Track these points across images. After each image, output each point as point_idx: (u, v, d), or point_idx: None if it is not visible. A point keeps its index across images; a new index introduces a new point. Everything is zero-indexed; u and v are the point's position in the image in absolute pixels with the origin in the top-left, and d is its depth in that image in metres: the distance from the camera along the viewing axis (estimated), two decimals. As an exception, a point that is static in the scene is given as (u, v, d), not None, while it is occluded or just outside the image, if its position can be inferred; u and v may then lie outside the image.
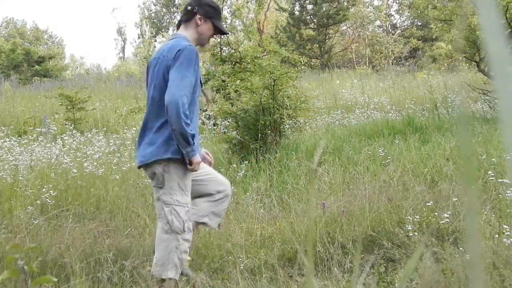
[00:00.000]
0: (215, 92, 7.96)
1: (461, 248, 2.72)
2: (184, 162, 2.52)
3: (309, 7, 24.16)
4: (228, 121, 6.42)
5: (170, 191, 2.53)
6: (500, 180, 3.61)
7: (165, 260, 2.53)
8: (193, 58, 2.49)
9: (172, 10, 35.86)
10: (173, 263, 2.52)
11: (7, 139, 6.72)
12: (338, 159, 5.06)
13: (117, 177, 4.92)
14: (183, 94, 2.40)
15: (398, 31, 27.91)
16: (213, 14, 2.67)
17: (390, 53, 25.31)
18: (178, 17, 2.86)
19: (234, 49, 7.82)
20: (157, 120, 2.53)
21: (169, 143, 2.51)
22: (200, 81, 2.67)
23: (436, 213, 3.20)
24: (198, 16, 2.65)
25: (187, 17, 2.68)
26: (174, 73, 2.44)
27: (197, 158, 2.49)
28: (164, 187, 2.54)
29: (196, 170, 2.54)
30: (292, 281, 2.70)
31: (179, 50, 2.47)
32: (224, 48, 8.03)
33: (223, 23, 2.77)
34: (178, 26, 2.75)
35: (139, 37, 37.39)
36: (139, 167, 2.64)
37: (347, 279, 2.62)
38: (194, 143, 2.47)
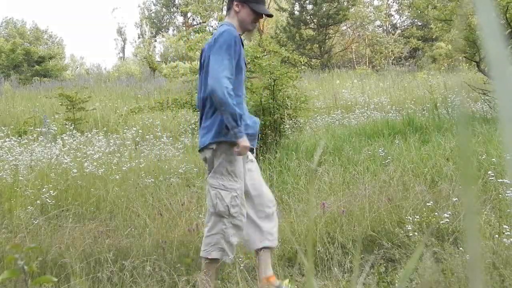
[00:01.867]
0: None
1: (461, 248, 2.72)
2: (233, 148, 2.57)
3: (309, 7, 24.15)
4: (228, 121, 6.42)
5: (218, 175, 2.59)
6: (500, 180, 3.61)
7: (211, 241, 2.58)
8: (229, 41, 2.50)
9: (172, 10, 35.86)
10: (219, 245, 2.57)
11: (7, 139, 6.73)
12: (338, 159, 5.06)
13: (117, 177, 4.92)
14: (223, 76, 2.43)
15: (398, 31, 27.90)
16: None
17: (390, 53, 25.30)
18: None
19: (234, 49, 7.81)
20: (210, 107, 2.60)
21: (218, 128, 2.57)
22: (245, 64, 2.68)
23: (436, 213, 3.20)
24: (235, 3, 2.66)
25: (228, 5, 2.72)
26: (213, 57, 2.49)
27: (244, 141, 2.49)
28: (213, 171, 2.61)
29: (242, 155, 2.54)
30: (292, 281, 2.70)
31: (218, 35, 2.54)
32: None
33: (264, 5, 2.73)
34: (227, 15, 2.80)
35: (139, 37, 37.41)
36: (199, 150, 2.73)
37: (347, 279, 2.62)
38: (241, 125, 2.47)
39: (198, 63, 2.82)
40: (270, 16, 2.79)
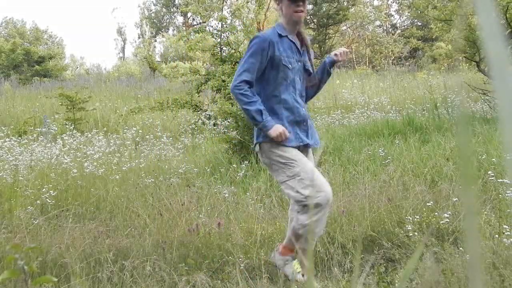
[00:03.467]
0: (215, 92, 7.96)
1: (461, 248, 2.72)
2: (274, 140, 2.63)
3: (309, 7, 24.15)
4: (228, 121, 6.42)
5: (278, 170, 2.65)
6: (500, 180, 3.61)
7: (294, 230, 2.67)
8: (255, 45, 2.63)
9: (172, 10, 35.87)
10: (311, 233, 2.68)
11: (7, 139, 6.72)
12: (338, 159, 5.06)
13: (117, 177, 4.92)
14: (236, 79, 2.61)
15: (398, 31, 27.91)
16: None
17: (390, 53, 25.31)
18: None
19: (234, 49, 7.82)
20: None
21: (255, 129, 2.73)
22: (291, 62, 2.68)
23: (436, 213, 3.20)
24: (276, 2, 2.75)
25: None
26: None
27: (272, 131, 2.58)
28: (271, 170, 2.73)
29: (280, 140, 2.61)
30: (292, 281, 2.70)
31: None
32: (224, 48, 8.03)
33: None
34: None
35: (139, 37, 37.39)
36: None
37: (347, 279, 2.62)
38: (262, 119, 2.58)
39: None
40: None
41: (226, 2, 10.00)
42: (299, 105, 2.71)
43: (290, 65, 2.67)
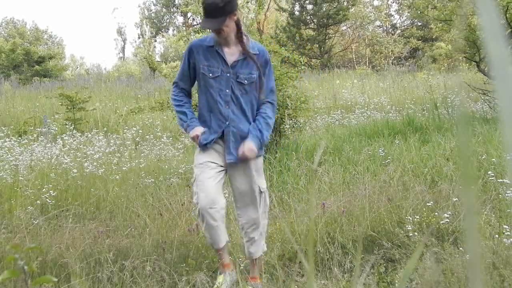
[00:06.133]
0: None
1: (461, 248, 2.72)
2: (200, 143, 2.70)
3: (309, 7, 24.15)
4: (228, 121, 6.41)
5: None
6: (500, 180, 3.61)
7: None
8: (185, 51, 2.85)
9: (172, 10, 35.88)
10: None
11: (7, 139, 6.72)
12: (338, 159, 5.06)
13: (117, 177, 4.92)
14: (173, 82, 2.87)
15: (398, 31, 27.90)
16: None
17: (390, 53, 25.30)
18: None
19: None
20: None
21: None
22: (202, 69, 2.69)
23: (436, 213, 3.20)
24: None
25: None
26: None
27: (191, 132, 2.68)
28: None
29: (195, 142, 2.72)
30: (292, 281, 2.70)
31: None
32: (224, 48, 8.02)
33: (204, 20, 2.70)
34: None
35: (139, 37, 37.41)
36: None
37: (347, 279, 2.62)
38: (186, 120, 2.70)
39: None
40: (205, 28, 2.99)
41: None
42: (222, 117, 2.65)
43: (211, 74, 2.66)
